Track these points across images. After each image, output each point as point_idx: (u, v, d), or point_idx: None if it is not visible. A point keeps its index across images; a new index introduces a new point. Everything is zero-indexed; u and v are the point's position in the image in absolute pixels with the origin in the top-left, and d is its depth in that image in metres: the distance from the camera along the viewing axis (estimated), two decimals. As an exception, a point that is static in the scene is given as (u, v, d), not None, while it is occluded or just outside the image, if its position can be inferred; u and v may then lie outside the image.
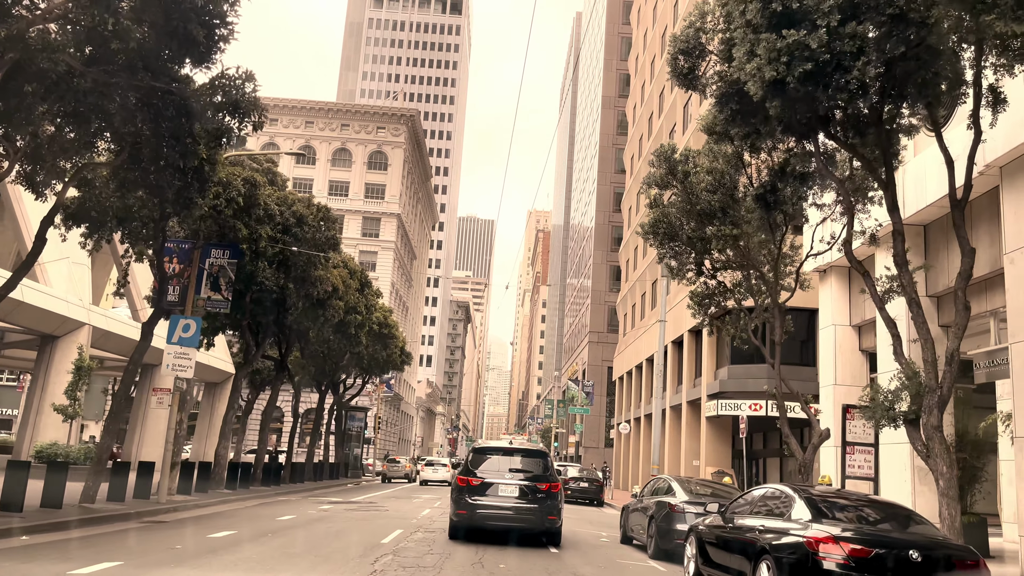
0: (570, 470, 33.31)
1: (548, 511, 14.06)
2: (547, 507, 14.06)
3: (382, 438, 79.64)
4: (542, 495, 14.05)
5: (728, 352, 32.16)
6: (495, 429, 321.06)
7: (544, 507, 14.01)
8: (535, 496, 14.04)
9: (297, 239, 23.04)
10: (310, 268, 24.56)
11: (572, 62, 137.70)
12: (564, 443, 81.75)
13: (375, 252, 77.74)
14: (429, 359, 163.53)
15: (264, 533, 14.77)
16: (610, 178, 79.49)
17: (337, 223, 23.87)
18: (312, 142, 79.70)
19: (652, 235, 17.72)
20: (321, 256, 24.80)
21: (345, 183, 79.50)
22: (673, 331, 40.29)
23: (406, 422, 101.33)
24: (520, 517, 14.01)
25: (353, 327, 32.22)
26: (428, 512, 21.67)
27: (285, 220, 22.34)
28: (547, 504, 14.07)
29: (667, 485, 14.68)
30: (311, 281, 24.92)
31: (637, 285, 52.12)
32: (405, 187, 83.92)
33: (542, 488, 14.08)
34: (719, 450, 32.88)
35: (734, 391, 30.98)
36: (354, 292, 31.81)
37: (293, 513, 19.49)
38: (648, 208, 17.96)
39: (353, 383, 49.04)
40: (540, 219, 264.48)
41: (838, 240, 15.73)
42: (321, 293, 26.81)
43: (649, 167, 18.05)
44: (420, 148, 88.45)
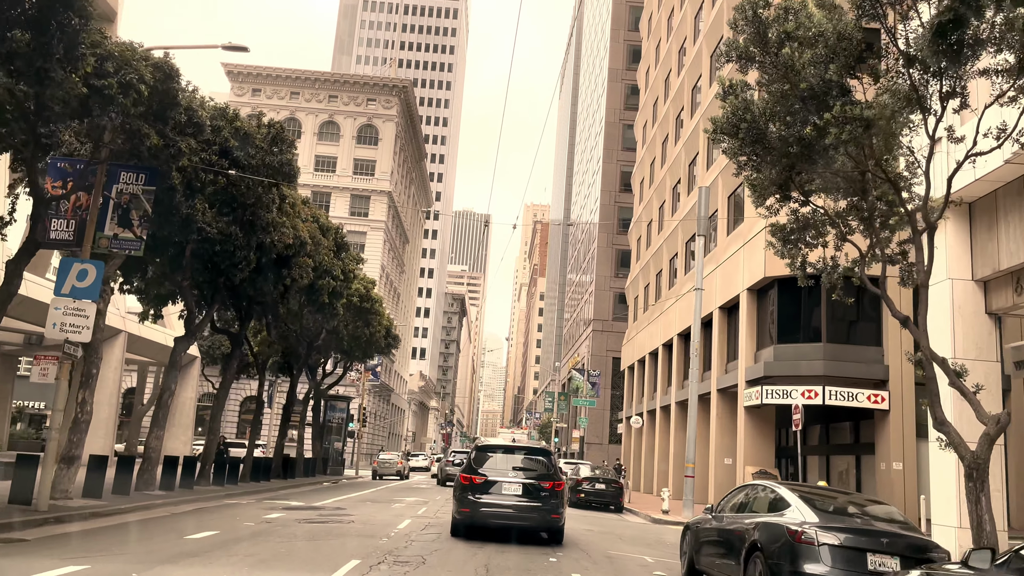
0: (582, 469, 28.07)
1: (551, 510, 13.94)
2: (550, 506, 13.94)
3: (370, 432, 74.32)
4: (545, 493, 13.94)
5: (773, 329, 26.92)
6: (490, 425, 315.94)
7: (547, 506, 13.91)
8: (539, 494, 13.91)
9: (240, 165, 17.69)
10: (260, 209, 19.21)
11: (575, 40, 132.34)
12: (565, 439, 76.51)
13: (364, 232, 72.34)
14: (423, 352, 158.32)
15: (145, 563, 9.48)
16: (616, 156, 74.20)
17: (295, 148, 18.59)
18: (297, 114, 74.26)
19: (729, 135, 12.39)
20: (275, 194, 19.48)
21: (332, 158, 74.08)
22: (699, 310, 35.00)
23: (397, 415, 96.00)
24: (523, 515, 13.88)
25: (327, 295, 26.90)
26: (407, 525, 16.38)
27: (221, 138, 16.95)
28: (551, 503, 13.95)
29: (775, 496, 9.30)
30: (263, 226, 19.58)
31: (651, 263, 46.88)
32: (397, 164, 78.51)
33: (546, 487, 13.97)
34: (760, 446, 27.67)
35: (782, 375, 25.74)
36: (327, 252, 26.50)
37: (220, 527, 14.19)
38: (721, 99, 12.63)
39: (334, 369, 43.72)
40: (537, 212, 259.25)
41: (1014, 131, 10.47)
42: (280, 245, 21.49)
43: (727, 35, 12.72)
44: (414, 124, 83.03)
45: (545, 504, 13.82)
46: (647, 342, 46.24)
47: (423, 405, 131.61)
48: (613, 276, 72.59)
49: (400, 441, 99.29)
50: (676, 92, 43.84)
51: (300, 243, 23.42)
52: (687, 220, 38.72)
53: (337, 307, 28.50)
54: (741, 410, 28.08)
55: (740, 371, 28.41)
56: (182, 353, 22.04)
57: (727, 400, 31.04)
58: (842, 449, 28.91)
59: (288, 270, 23.60)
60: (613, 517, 23.95)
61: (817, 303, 25.74)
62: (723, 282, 31.46)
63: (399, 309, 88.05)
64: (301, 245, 23.47)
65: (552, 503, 13.88)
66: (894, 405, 24.41)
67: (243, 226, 19.23)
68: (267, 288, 23.58)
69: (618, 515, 25.55)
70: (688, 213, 38.38)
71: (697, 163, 37.91)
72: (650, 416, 44.83)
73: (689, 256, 39.24)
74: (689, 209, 38.21)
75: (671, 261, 42.67)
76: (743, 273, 28.94)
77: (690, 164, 40.14)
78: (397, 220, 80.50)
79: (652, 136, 50.26)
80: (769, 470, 27.14)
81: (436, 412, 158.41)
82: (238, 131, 17.19)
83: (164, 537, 12.74)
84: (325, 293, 26.79)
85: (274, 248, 21.52)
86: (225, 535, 12.95)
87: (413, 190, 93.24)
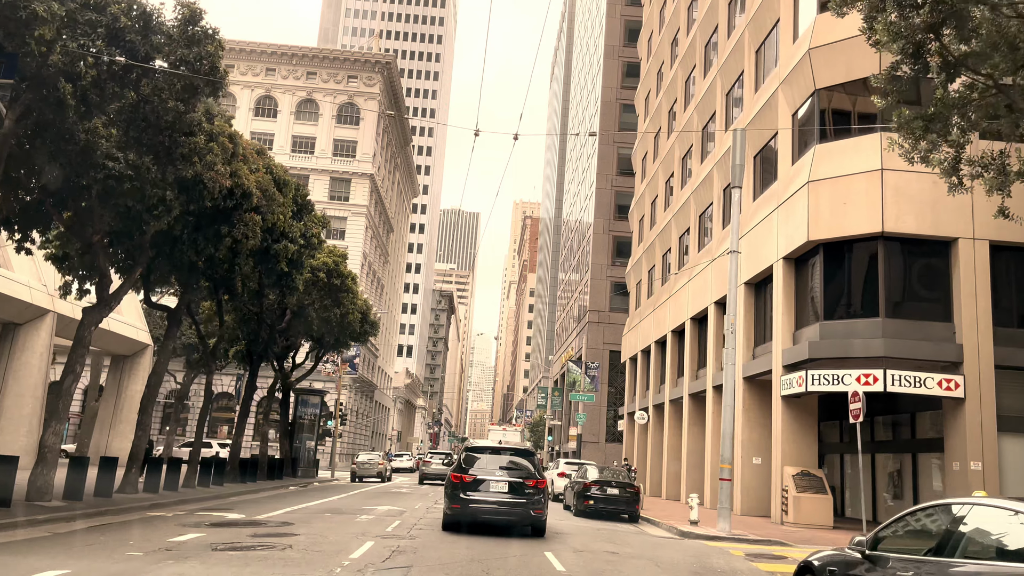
0: (589, 471, 23.55)
1: (534, 505, 14.87)
2: (534, 502, 14.89)
3: (351, 430, 69.67)
4: (530, 491, 14.93)
5: (818, 304, 22.55)
6: (478, 425, 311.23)
7: (531, 502, 14.86)
8: (523, 492, 14.87)
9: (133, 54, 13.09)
10: (179, 133, 14.64)
11: (566, 23, 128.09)
12: (559, 437, 72.12)
13: (344, 217, 67.72)
14: (409, 349, 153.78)
15: None
16: (613, 137, 69.84)
17: (221, 45, 14.08)
18: (273, 92, 69.52)
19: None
20: (199, 112, 14.89)
21: (311, 139, 69.39)
22: (715, 290, 30.70)
23: (381, 414, 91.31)
24: (510, 511, 14.82)
25: (284, 262, 22.33)
26: (367, 551, 11.91)
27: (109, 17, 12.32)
28: (534, 499, 14.91)
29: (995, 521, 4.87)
30: (184, 156, 15.00)
31: (657, 244, 42.52)
32: (380, 147, 73.89)
33: (530, 484, 14.97)
34: (800, 443, 23.27)
35: (831, 357, 21.38)
36: (283, 209, 21.93)
37: (84, 560, 9.67)
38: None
39: (305, 359, 39.13)
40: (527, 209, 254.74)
41: None
42: (215, 191, 16.95)
43: None
44: (398, 103, 78.41)
45: (529, 500, 14.86)
46: (652, 330, 41.87)
47: (409, 403, 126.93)
48: (610, 265, 68.25)
49: (384, 441, 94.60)
50: (686, 52, 39.48)
51: (244, 193, 18.87)
52: (701, 190, 34.37)
53: (296, 279, 23.91)
54: (777, 400, 23.70)
55: (775, 354, 24.03)
56: (91, 328, 17.42)
57: (756, 390, 26.69)
58: (894, 446, 24.59)
59: (230, 227, 19.05)
60: (631, 530, 19.52)
61: (872, 270, 21.40)
62: (749, 254, 27.12)
63: (383, 301, 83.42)
64: (245, 196, 18.92)
65: (536, 499, 14.94)
66: (970, 392, 20.10)
67: (157, 154, 14.65)
68: (207, 249, 19.04)
69: (634, 525, 21.12)
70: (702, 183, 34.04)
71: (715, 122, 33.54)
72: (657, 411, 40.46)
73: (703, 232, 34.89)
74: (703, 178, 33.88)
75: (681, 238, 38.31)
76: (777, 240, 24.59)
77: (703, 129, 35.79)
78: (380, 207, 75.86)
79: (656, 106, 45.91)
80: (813, 471, 22.78)
81: (423, 411, 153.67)
82: (132, 7, 12.62)
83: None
84: (282, 260, 22.22)
85: (207, 194, 16.96)
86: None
87: (398, 177, 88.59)
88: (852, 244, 21.81)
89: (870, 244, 21.44)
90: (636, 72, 67.29)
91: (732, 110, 31.91)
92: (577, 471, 27.09)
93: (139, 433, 20.80)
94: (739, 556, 14.71)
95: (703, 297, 32.48)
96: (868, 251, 21.51)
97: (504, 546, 13.52)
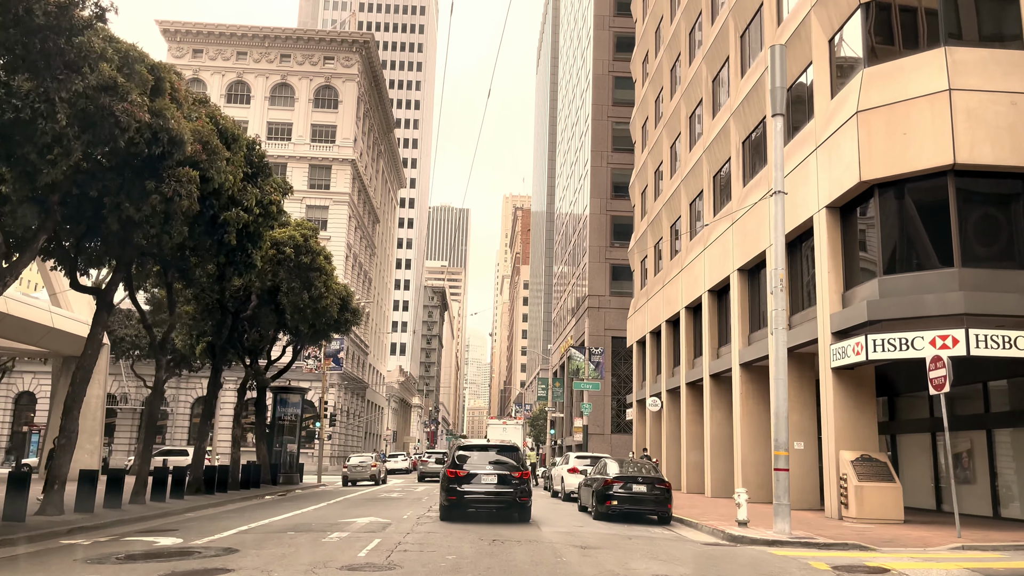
0: (610, 465, 19.85)
1: (520, 493, 17.09)
2: (520, 490, 17.09)
3: (342, 431, 65.97)
4: (516, 481, 17.12)
5: (874, 257, 18.97)
6: (476, 423, 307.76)
7: (518, 491, 17.06)
8: (510, 482, 17.07)
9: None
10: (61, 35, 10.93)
11: (551, 4, 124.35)
12: (562, 430, 68.58)
13: (326, 207, 63.93)
14: (403, 347, 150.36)
15: None
16: (607, 111, 66.25)
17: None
18: (245, 77, 65.62)
19: None
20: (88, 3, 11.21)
21: (287, 124, 65.53)
22: (738, 256, 27.15)
23: (374, 413, 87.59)
24: (499, 499, 17.04)
25: (233, 232, 18.62)
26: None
27: None
28: (520, 488, 17.10)
29: None
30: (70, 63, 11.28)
31: (664, 215, 38.92)
32: (361, 132, 70.07)
33: (516, 476, 17.18)
34: (856, 422, 19.69)
35: (896, 318, 17.81)
36: (233, 170, 18.21)
37: None
38: None
39: (282, 354, 35.44)
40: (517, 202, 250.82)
41: None
42: (126, 122, 13.27)
43: None
44: (378, 86, 74.55)
45: (516, 490, 17.00)
46: (663, 309, 38.29)
47: (404, 402, 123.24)
48: (608, 247, 64.65)
49: (379, 441, 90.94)
50: (689, 2, 35.88)
51: (173, 140, 15.14)
52: (715, 147, 30.77)
53: (253, 254, 20.17)
54: (826, 374, 20.10)
55: (821, 321, 20.45)
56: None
57: (794, 364, 23.12)
58: (963, 422, 21.02)
59: (157, 182, 15.33)
60: (667, 535, 15.92)
61: (942, 212, 17.81)
62: (741, 237, 23.59)
63: (371, 296, 79.73)
64: (175, 144, 15.18)
65: (521, 488, 17.08)
66: (1072, 353, 16.56)
67: (34, 65, 10.94)
68: (127, 210, 15.33)
69: (668, 528, 17.53)
70: (716, 138, 30.45)
71: (728, 68, 29.92)
72: (672, 397, 36.90)
73: (719, 194, 31.31)
74: (718, 132, 30.30)
75: (692, 204, 34.72)
76: (817, 187, 21.02)
77: (713, 80, 32.20)
78: (364, 195, 72.04)
79: (656, 67, 42.26)
80: (875, 455, 19.21)
81: (419, 410, 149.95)
82: None
83: None
84: (231, 230, 18.48)
85: (119, 133, 13.25)
86: None
87: (382, 165, 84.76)
88: (915, 182, 18.21)
89: (938, 181, 17.85)
90: (627, 46, 63.78)
91: (748, 52, 28.30)
92: (593, 466, 23.52)
93: (61, 442, 17.08)
94: (824, 571, 11.13)
95: (723, 265, 28.92)
96: (936, 189, 17.91)
97: (518, 572, 9.92)
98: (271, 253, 23.88)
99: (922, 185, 18.14)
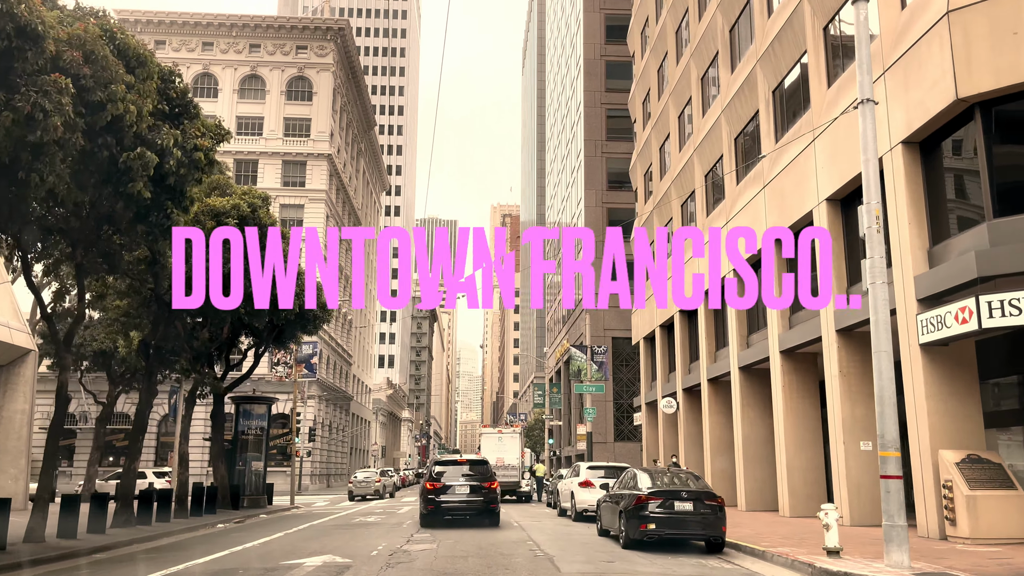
0: (641, 477, 15.27)
1: (491, 501, 19.49)
2: (490, 499, 19.46)
3: (324, 447, 61.14)
4: (486, 490, 19.46)
5: (982, 196, 14.65)
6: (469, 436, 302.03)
7: (488, 499, 19.44)
8: (481, 491, 19.43)
9: None
10: None
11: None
12: (561, 438, 64.04)
13: (301, 205, 59.38)
14: (391, 359, 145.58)
15: None
16: (600, 98, 62.09)
17: None
18: (212, 68, 61.13)
19: None
20: None
21: (258, 118, 61.03)
22: (772, 217, 22.84)
23: (360, 427, 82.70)
24: (471, 506, 19.39)
25: (141, 179, 14.09)
26: None
27: None
28: (489, 496, 19.46)
29: None
30: None
31: (673, 191, 34.60)
32: (339, 126, 65.66)
33: (486, 486, 19.52)
34: (956, 413, 15.30)
35: (1015, 272, 13.47)
36: (138, 100, 13.70)
37: None
38: None
39: (243, 358, 30.89)
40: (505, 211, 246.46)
41: None
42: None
43: None
44: (356, 78, 70.21)
45: (486, 498, 19.44)
46: (672, 302, 33.91)
47: (393, 416, 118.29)
48: (605, 190, 60.41)
49: (366, 456, 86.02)
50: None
51: (23, 31, 10.69)
52: (736, 105, 26.52)
53: (174, 215, 15.62)
54: (913, 354, 15.69)
55: (902, 285, 16.07)
56: None
57: (854, 346, 18.79)
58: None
59: (7, 92, 10.85)
60: (732, 571, 11.46)
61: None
62: (829, 156, 19.32)
63: (351, 304, 75.06)
64: (25, 36, 10.73)
65: (491, 496, 19.52)
66: None
67: None
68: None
69: (724, 560, 13.06)
70: (737, 93, 26.19)
71: (751, 8, 25.65)
72: (690, 396, 32.49)
73: (741, 157, 27.05)
74: (737, 89, 26.05)
75: (710, 174, 30.42)
76: (888, 121, 16.71)
77: (731, 29, 27.99)
78: (344, 194, 67.53)
79: (658, 32, 38.00)
80: (985, 455, 14.81)
81: (410, 424, 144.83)
82: None
83: None
84: (138, 178, 13.96)
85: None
86: None
87: (363, 165, 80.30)
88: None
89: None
90: (618, 30, 59.82)
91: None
92: (610, 479, 19.02)
93: None
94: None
95: (751, 238, 24.62)
96: (1062, 102, 13.64)
97: None
98: (210, 225, 19.34)
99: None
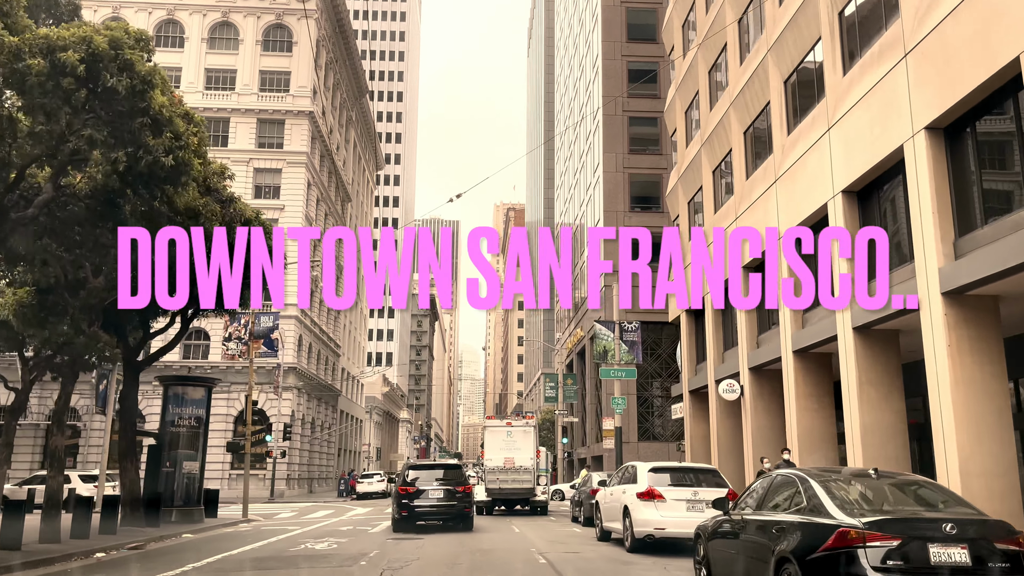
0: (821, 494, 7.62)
1: (465, 505, 20.07)
2: (463, 503, 20.01)
3: (304, 447, 53.43)
4: (460, 495, 19.96)
5: None
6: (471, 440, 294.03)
7: (461, 503, 19.94)
8: (455, 495, 19.88)
9: None
10: None
11: None
12: (576, 438, 56.21)
13: (278, 169, 51.81)
14: (389, 357, 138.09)
15: None
16: (620, 50, 54.43)
17: None
18: (178, 14, 53.58)
19: None
20: None
21: (230, 71, 53.46)
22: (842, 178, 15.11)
23: (352, 426, 74.96)
24: (445, 511, 19.79)
25: None
26: None
27: None
28: (463, 501, 20.01)
29: None
30: None
31: (714, 140, 26.88)
32: (324, 85, 58.08)
33: (459, 490, 20.00)
34: None
35: None
36: None
37: None
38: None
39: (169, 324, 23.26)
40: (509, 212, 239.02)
41: None
42: None
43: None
44: (344, 33, 62.63)
45: (460, 502, 19.92)
46: (734, 252, 26.17)
47: (390, 416, 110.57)
48: (627, 212, 52.80)
49: (358, 458, 78.31)
50: None
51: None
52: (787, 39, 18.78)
53: None
54: None
55: None
56: None
57: None
58: None
59: None
60: None
61: None
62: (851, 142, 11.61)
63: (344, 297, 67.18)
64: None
65: (465, 501, 20.11)
66: None
67: None
68: None
69: None
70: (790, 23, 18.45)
71: None
72: (759, 378, 24.74)
73: (793, 101, 19.27)
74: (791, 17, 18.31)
75: (749, 131, 22.64)
76: (911, 104, 8.92)
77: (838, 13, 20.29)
78: (329, 161, 59.90)
79: (712, 20, 30.31)
80: None
81: (408, 425, 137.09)
82: None
83: None
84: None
85: None
86: None
87: (353, 136, 72.70)
88: None
89: None
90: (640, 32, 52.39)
91: None
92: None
93: None
94: None
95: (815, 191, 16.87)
96: None
97: None
98: (39, 67, 11.52)
99: None
